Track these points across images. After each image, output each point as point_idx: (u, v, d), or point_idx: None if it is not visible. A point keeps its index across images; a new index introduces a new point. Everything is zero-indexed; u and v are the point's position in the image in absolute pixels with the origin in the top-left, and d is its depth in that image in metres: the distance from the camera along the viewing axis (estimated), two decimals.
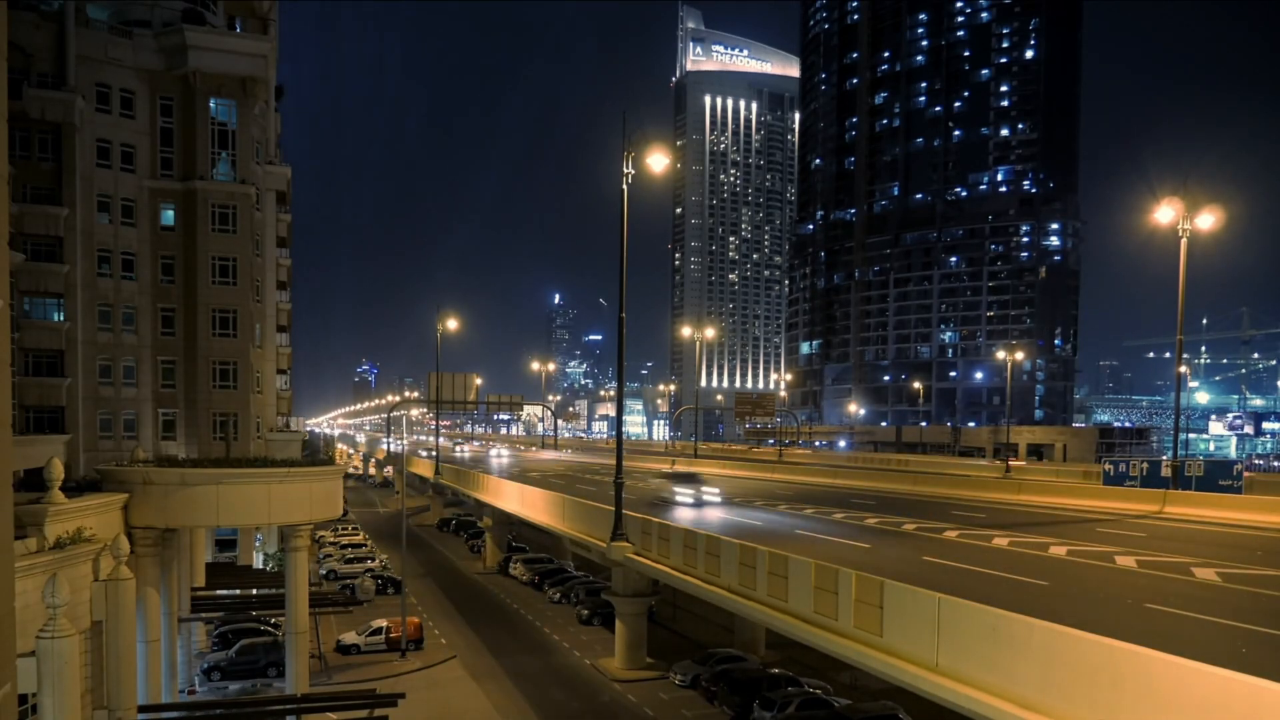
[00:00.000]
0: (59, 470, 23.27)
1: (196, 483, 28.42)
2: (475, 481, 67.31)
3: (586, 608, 51.91)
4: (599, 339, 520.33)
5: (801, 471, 72.39)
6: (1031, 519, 39.28)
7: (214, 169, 46.15)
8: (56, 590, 18.63)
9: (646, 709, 36.45)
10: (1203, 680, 12.74)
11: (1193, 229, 40.78)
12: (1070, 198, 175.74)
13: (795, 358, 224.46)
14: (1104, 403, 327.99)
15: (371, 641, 44.41)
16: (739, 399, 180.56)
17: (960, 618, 17.43)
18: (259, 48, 48.09)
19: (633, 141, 33.55)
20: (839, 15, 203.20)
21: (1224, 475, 45.76)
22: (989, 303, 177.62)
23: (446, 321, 76.34)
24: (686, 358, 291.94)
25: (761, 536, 31.59)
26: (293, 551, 31.55)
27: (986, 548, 30.56)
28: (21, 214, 40.36)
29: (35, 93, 40.68)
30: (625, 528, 34.93)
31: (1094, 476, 59.89)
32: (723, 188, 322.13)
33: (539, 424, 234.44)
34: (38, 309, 41.87)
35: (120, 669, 22.42)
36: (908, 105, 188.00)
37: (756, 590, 25.15)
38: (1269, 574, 24.80)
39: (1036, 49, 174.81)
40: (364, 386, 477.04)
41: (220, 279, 45.98)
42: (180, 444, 45.39)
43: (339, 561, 64.87)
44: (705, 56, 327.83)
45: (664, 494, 48.05)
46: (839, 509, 43.86)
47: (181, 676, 35.52)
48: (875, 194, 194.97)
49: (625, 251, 33.89)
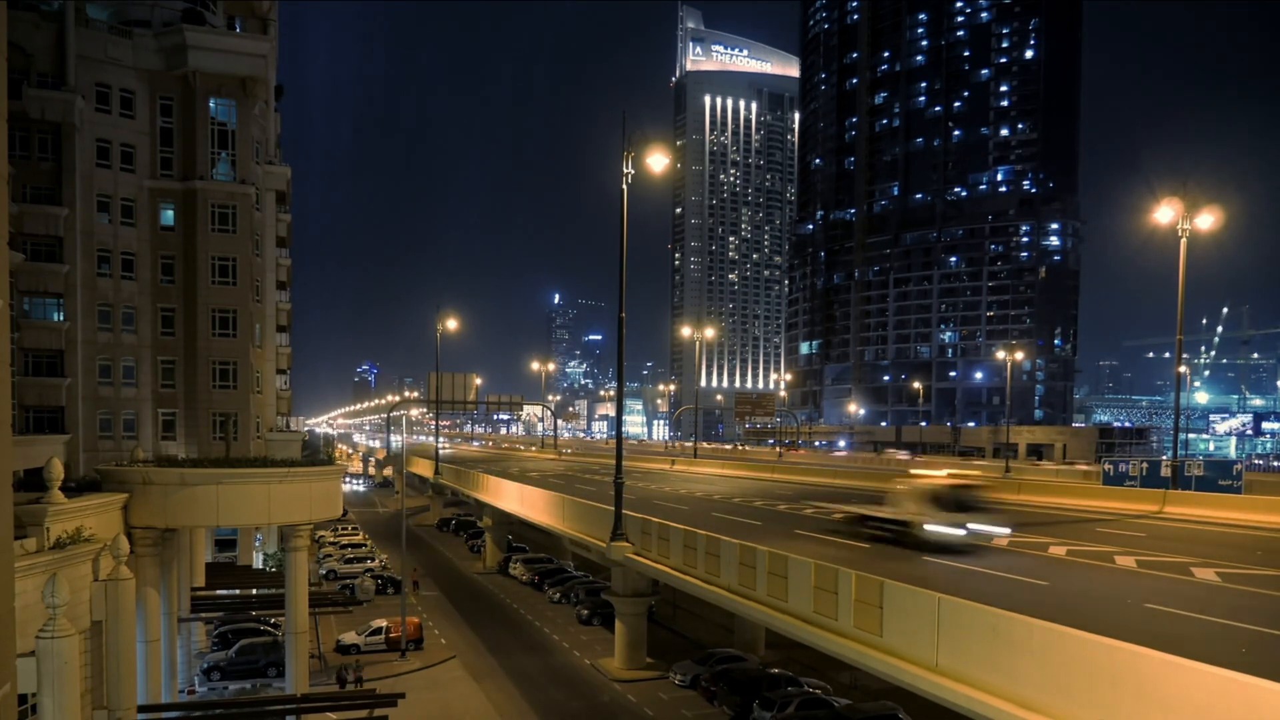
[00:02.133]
0: (59, 470, 23.28)
1: (196, 483, 28.43)
2: (475, 481, 67.31)
3: (586, 608, 51.92)
4: (599, 339, 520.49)
5: (801, 471, 72.34)
6: (1031, 519, 39.26)
7: (214, 169, 46.14)
8: (56, 590, 18.62)
9: (646, 709, 36.45)
10: (1202, 680, 12.74)
11: (1192, 229, 40.79)
12: (1070, 198, 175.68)
13: (795, 358, 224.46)
14: (1104, 403, 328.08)
15: (371, 641, 44.43)
16: (739, 399, 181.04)
17: (960, 617, 17.43)
18: (259, 48, 48.07)
19: (633, 141, 33.57)
20: (839, 15, 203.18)
21: (1224, 475, 45.77)
22: (989, 303, 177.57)
23: (446, 321, 76.37)
24: (686, 358, 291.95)
25: (761, 536, 31.58)
26: (292, 551, 31.56)
27: (986, 547, 30.52)
28: (21, 214, 40.37)
29: (35, 93, 40.68)
30: (625, 527, 34.94)
31: (1094, 476, 59.88)
32: (722, 188, 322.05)
33: (539, 424, 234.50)
34: (38, 309, 41.87)
35: (120, 669, 22.42)
36: (907, 105, 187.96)
37: (756, 590, 25.16)
38: (1269, 574, 24.78)
39: (1036, 49, 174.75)
40: (364, 386, 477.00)
41: (220, 279, 45.97)
42: (180, 444, 45.39)
43: (339, 561, 64.89)
44: (705, 56, 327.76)
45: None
46: (839, 509, 43.74)
47: (181, 676, 35.53)
48: (875, 194, 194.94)
49: (625, 251, 33.90)
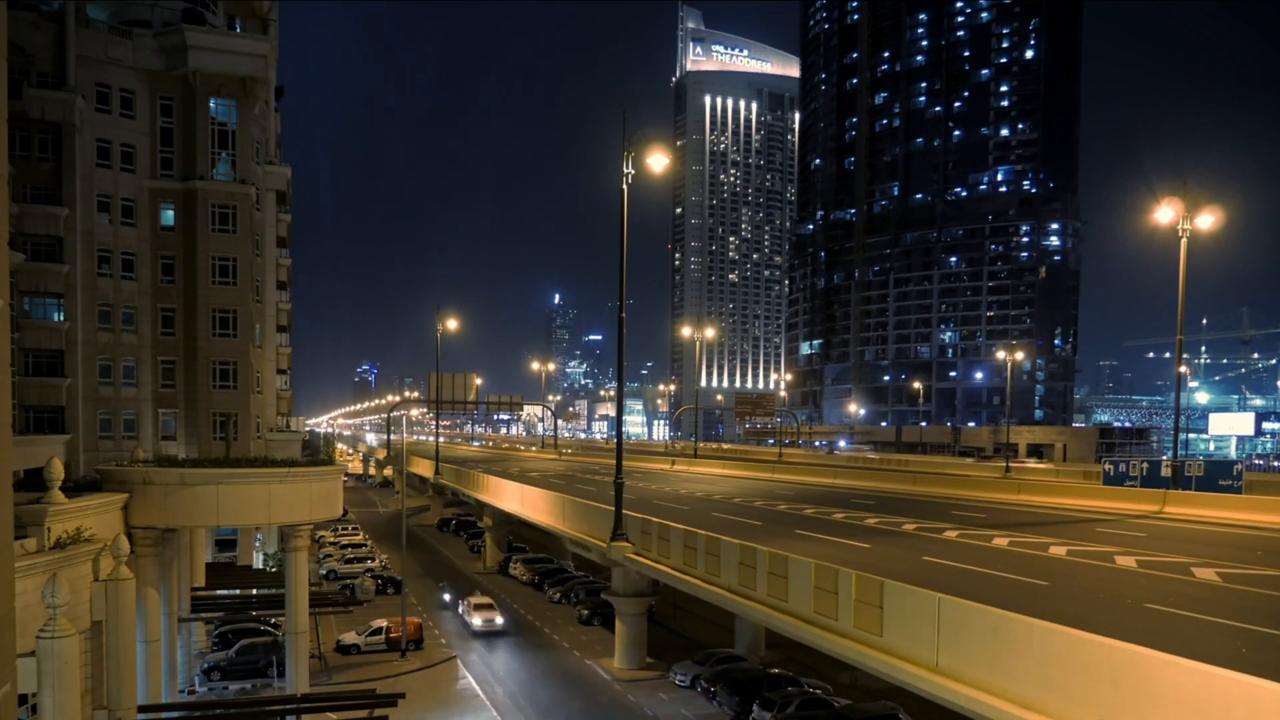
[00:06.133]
0: (59, 470, 23.28)
1: (196, 483, 28.42)
2: (475, 481, 67.31)
3: (586, 608, 51.90)
4: (599, 339, 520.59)
5: (801, 471, 72.35)
6: (1031, 519, 39.27)
7: (214, 169, 46.13)
8: (56, 590, 18.61)
9: (646, 709, 36.44)
10: (1202, 680, 12.74)
11: (1193, 229, 40.79)
12: (1070, 198, 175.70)
13: (795, 358, 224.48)
14: (1104, 403, 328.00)
15: (371, 641, 44.41)
16: (739, 399, 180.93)
17: (960, 618, 17.43)
18: (259, 48, 48.05)
19: (633, 141, 33.55)
20: (839, 15, 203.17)
21: (1224, 475, 45.80)
22: (989, 303, 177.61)
23: (446, 321, 76.40)
24: (686, 358, 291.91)
25: (761, 536, 31.58)
26: (293, 551, 31.55)
27: (986, 548, 30.56)
28: (21, 214, 40.36)
29: (35, 93, 40.66)
30: (625, 527, 34.94)
31: (1094, 476, 59.89)
32: (723, 188, 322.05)
33: (539, 424, 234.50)
34: (38, 309, 41.86)
35: (120, 669, 22.42)
36: (908, 105, 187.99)
37: (756, 590, 25.15)
38: (1269, 574, 24.79)
39: (1036, 49, 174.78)
40: (364, 386, 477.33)
41: (220, 279, 45.96)
42: (180, 444, 45.38)
43: (339, 561, 64.85)
44: (705, 56, 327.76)
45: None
46: (839, 509, 43.85)
47: (181, 676, 35.53)
48: (875, 194, 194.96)
49: (625, 251, 33.90)
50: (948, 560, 27.57)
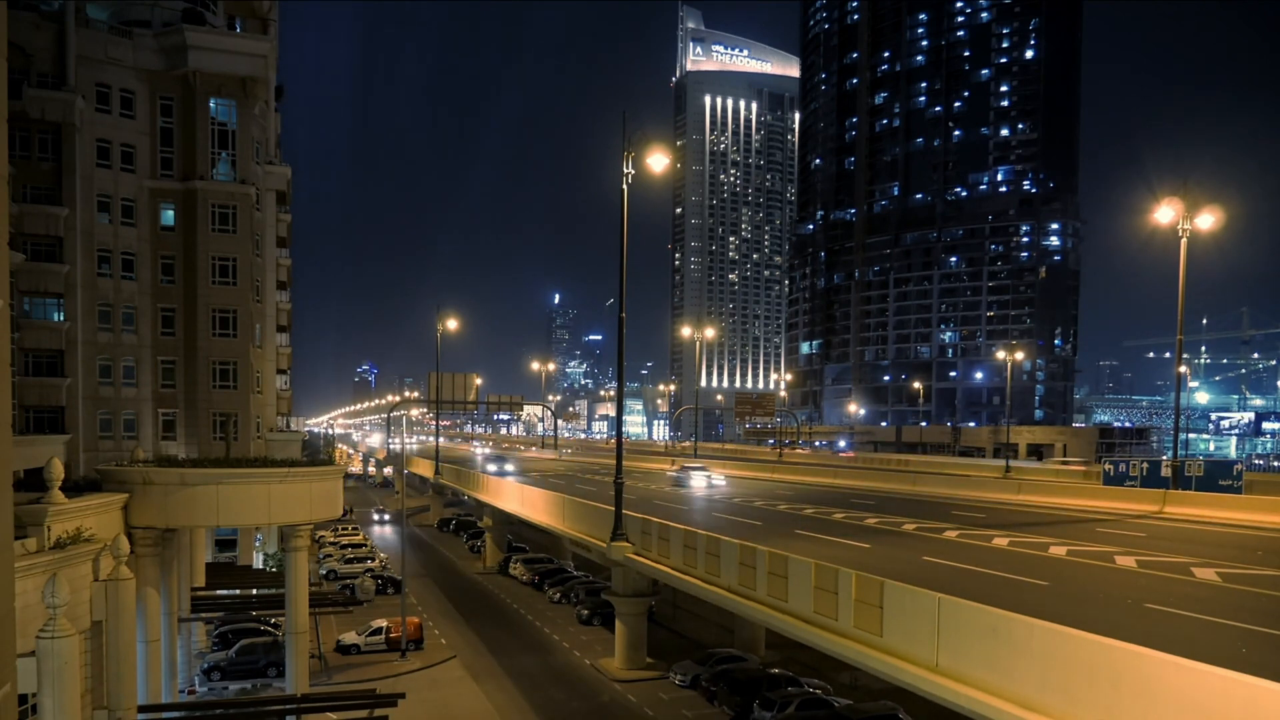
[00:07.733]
0: (59, 470, 23.28)
1: (196, 483, 28.42)
2: (475, 481, 67.32)
3: (586, 608, 51.90)
4: (599, 339, 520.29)
5: (801, 471, 72.37)
6: (1031, 519, 39.28)
7: (214, 169, 46.13)
8: (56, 590, 18.62)
9: (646, 709, 36.45)
10: (1202, 680, 12.73)
11: (1193, 229, 40.78)
12: (1070, 198, 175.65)
13: (795, 358, 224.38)
14: (1104, 403, 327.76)
15: (371, 641, 44.43)
16: (739, 399, 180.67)
17: (960, 618, 17.42)
18: (259, 48, 48.05)
19: (633, 141, 33.54)
20: (839, 15, 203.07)
21: (1224, 475, 45.79)
22: (989, 303, 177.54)
23: (446, 321, 76.33)
24: (686, 358, 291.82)
25: (761, 536, 31.58)
26: (293, 551, 31.55)
27: (986, 548, 30.57)
28: (21, 214, 40.35)
29: (35, 93, 40.65)
30: (625, 527, 34.93)
31: (1094, 476, 59.88)
32: (723, 188, 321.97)
33: (539, 424, 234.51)
34: (38, 309, 41.85)
35: (120, 669, 22.42)
36: (908, 105, 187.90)
37: (756, 590, 25.14)
38: (1269, 574, 24.79)
39: (1036, 49, 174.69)
40: (364, 386, 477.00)
41: (220, 279, 45.96)
42: (180, 444, 45.38)
43: (339, 561, 64.87)
44: (705, 56, 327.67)
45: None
46: (839, 509, 43.87)
47: (181, 676, 35.53)
48: (875, 194, 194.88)
49: (625, 251, 33.90)
50: (948, 560, 27.57)
